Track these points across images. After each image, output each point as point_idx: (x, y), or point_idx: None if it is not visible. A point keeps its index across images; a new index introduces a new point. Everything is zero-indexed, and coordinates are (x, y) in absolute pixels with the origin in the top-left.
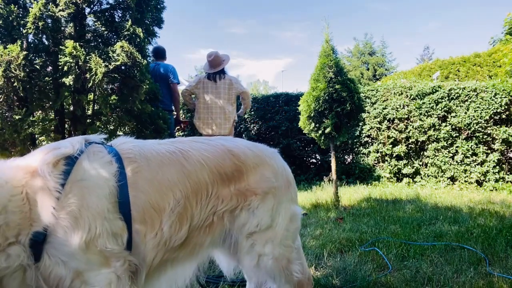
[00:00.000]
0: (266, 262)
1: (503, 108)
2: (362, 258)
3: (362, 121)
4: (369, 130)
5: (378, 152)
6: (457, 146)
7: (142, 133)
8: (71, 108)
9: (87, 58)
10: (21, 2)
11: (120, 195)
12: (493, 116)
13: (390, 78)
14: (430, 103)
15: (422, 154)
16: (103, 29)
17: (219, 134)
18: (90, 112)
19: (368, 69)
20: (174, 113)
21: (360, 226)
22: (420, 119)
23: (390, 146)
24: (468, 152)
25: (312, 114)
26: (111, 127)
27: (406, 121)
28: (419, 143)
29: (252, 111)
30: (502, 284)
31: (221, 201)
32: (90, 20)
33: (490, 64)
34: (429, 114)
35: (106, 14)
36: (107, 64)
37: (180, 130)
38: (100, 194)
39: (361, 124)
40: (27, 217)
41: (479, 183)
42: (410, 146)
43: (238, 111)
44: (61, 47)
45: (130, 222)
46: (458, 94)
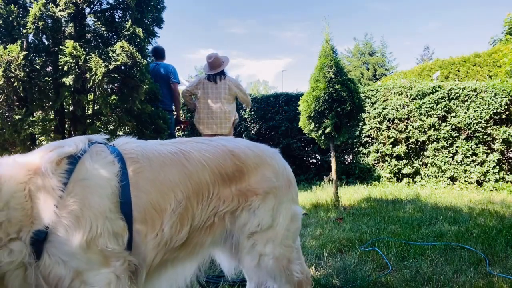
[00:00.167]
0: (267, 262)
1: (503, 108)
2: (362, 258)
3: (362, 121)
4: (369, 130)
5: (378, 152)
6: (457, 146)
7: (142, 133)
8: (71, 108)
9: (87, 58)
10: (21, 2)
11: (122, 195)
12: (493, 116)
13: (390, 78)
14: (430, 103)
15: (422, 154)
16: (103, 29)
17: (220, 134)
18: (90, 112)
19: (368, 69)
20: (174, 113)
21: (360, 226)
22: (420, 119)
23: (390, 146)
24: (468, 152)
25: (312, 114)
26: (111, 127)
27: (406, 121)
28: (419, 143)
29: (252, 111)
30: (502, 284)
31: (222, 201)
32: (90, 20)
33: (490, 64)
34: (429, 114)
35: (106, 14)
36: (107, 64)
37: (180, 130)
38: (102, 194)
39: (361, 124)
40: (29, 214)
41: (479, 183)
42: (410, 146)
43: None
44: (61, 47)
45: (131, 222)
46: (458, 94)
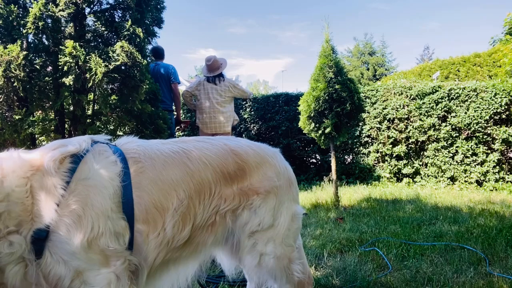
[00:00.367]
0: (267, 262)
1: (503, 108)
2: (362, 258)
3: (362, 121)
4: (369, 130)
5: (378, 152)
6: (457, 146)
7: (142, 133)
8: (71, 108)
9: (87, 58)
10: (21, 2)
11: (123, 195)
12: (493, 116)
13: (390, 78)
14: (430, 103)
15: (422, 154)
16: (103, 29)
17: (220, 134)
18: (90, 112)
19: (368, 69)
20: (174, 113)
21: (360, 226)
22: (420, 119)
23: (390, 146)
24: (468, 152)
25: (312, 114)
26: (111, 127)
27: (406, 121)
28: (419, 143)
29: (252, 111)
30: (502, 284)
31: (223, 200)
32: (90, 20)
33: (490, 64)
34: (429, 114)
35: (106, 14)
36: (107, 64)
37: (180, 130)
38: (104, 193)
39: (361, 124)
40: (29, 210)
41: (479, 183)
42: (410, 146)
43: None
44: (61, 47)
45: (133, 222)
46: (458, 94)
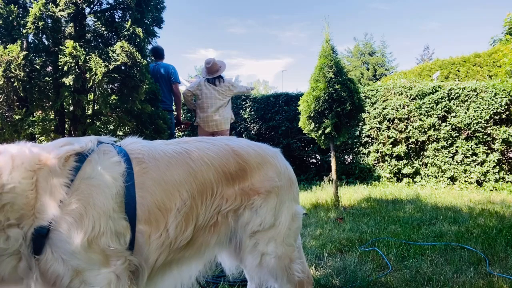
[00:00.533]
0: (268, 261)
1: (503, 108)
2: (362, 258)
3: (362, 121)
4: (369, 130)
5: (378, 152)
6: (457, 146)
7: (142, 133)
8: (71, 108)
9: (87, 58)
10: (21, 2)
11: (126, 196)
12: (493, 116)
13: (390, 78)
14: (430, 103)
15: (422, 154)
16: (103, 29)
17: (219, 131)
18: (90, 112)
19: (368, 69)
20: (174, 113)
21: (360, 226)
22: (420, 119)
23: (390, 146)
24: (468, 152)
25: (312, 114)
26: (111, 127)
27: (406, 121)
28: (419, 143)
29: (252, 111)
30: (502, 284)
31: (225, 200)
32: (90, 20)
33: (490, 64)
34: (429, 114)
35: (106, 14)
36: (107, 64)
37: (180, 130)
38: (107, 193)
39: (361, 124)
40: (31, 204)
41: (479, 183)
42: (410, 146)
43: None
44: (61, 47)
45: (135, 222)
46: (458, 94)
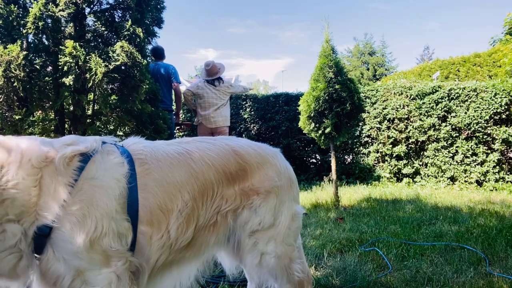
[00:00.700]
0: (268, 261)
1: (503, 108)
2: (362, 258)
3: (362, 121)
4: (369, 130)
5: (378, 152)
6: (457, 146)
7: (142, 133)
8: (71, 108)
9: (87, 58)
10: (21, 2)
11: (129, 197)
12: (493, 116)
13: (390, 78)
14: (430, 103)
15: (422, 154)
16: (103, 29)
17: (220, 129)
18: (90, 112)
19: (368, 69)
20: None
21: (360, 226)
22: (420, 119)
23: (390, 146)
24: (468, 152)
25: (312, 114)
26: (111, 127)
27: (406, 121)
28: (419, 143)
29: (252, 111)
30: (502, 284)
31: (225, 201)
32: (90, 20)
33: (490, 64)
34: (429, 114)
35: (106, 14)
36: (107, 64)
37: (181, 130)
38: (110, 194)
39: (361, 124)
40: (33, 201)
41: (479, 183)
42: (410, 146)
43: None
44: (61, 47)
45: (137, 223)
46: (458, 94)
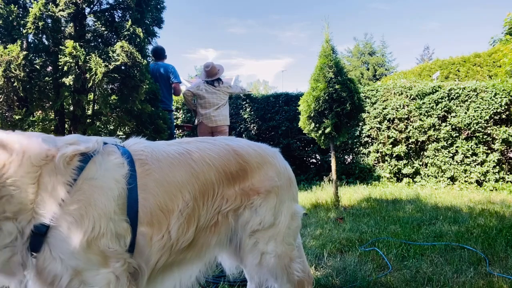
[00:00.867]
0: (268, 260)
1: (503, 108)
2: (362, 258)
3: (362, 121)
4: (369, 130)
5: (378, 152)
6: (457, 146)
7: (142, 133)
8: (71, 108)
9: (87, 58)
10: (21, 2)
11: (128, 198)
12: (493, 116)
13: (390, 78)
14: (430, 103)
15: (422, 154)
16: (103, 29)
17: (220, 127)
18: (90, 112)
19: (368, 69)
20: (174, 113)
21: (360, 226)
22: (420, 119)
23: (390, 146)
24: (468, 152)
25: (312, 114)
26: (111, 127)
27: (406, 121)
28: (419, 143)
29: (252, 111)
30: (502, 284)
31: (225, 201)
32: (90, 20)
33: (490, 64)
34: (429, 114)
35: (106, 14)
36: (107, 64)
37: (182, 131)
38: (109, 194)
39: (361, 124)
40: (31, 199)
41: (479, 183)
42: (410, 146)
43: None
44: (61, 47)
45: (136, 224)
46: (458, 94)
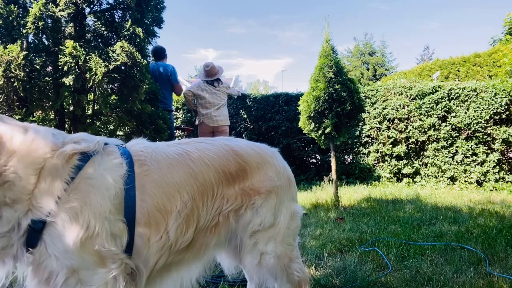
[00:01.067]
0: (268, 261)
1: (503, 108)
2: (362, 258)
3: (362, 121)
4: (369, 130)
5: (378, 152)
6: (457, 146)
7: (142, 133)
8: (71, 108)
9: (87, 58)
10: (21, 2)
11: (126, 198)
12: (493, 116)
13: (390, 78)
14: (430, 103)
15: (422, 154)
16: (103, 29)
17: (221, 127)
18: (90, 112)
19: (368, 69)
20: (174, 113)
21: (360, 226)
22: (420, 119)
23: (390, 146)
24: (468, 152)
25: (312, 114)
26: (111, 127)
27: (406, 121)
28: (419, 143)
29: (252, 111)
30: (502, 284)
31: (226, 201)
32: (90, 20)
33: (490, 64)
34: (429, 114)
35: (106, 14)
36: (107, 64)
37: (184, 133)
38: (105, 194)
39: (361, 124)
40: (30, 189)
41: (479, 183)
42: (410, 146)
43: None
44: (61, 47)
45: (133, 225)
46: (458, 94)
